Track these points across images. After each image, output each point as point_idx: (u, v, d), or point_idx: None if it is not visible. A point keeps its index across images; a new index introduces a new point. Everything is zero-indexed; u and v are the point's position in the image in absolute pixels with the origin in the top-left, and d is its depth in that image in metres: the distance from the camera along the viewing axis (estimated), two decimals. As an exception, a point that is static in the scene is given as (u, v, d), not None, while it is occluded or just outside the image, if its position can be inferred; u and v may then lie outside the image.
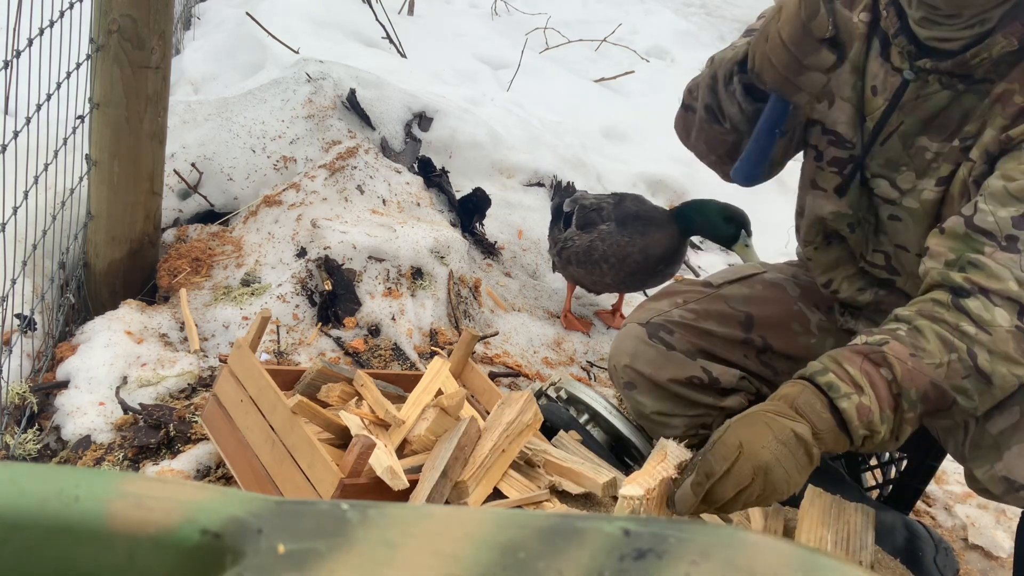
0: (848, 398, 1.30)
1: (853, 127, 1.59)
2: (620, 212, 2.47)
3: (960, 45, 1.42)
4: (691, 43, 5.72)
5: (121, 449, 1.80)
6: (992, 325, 1.32)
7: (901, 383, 1.31)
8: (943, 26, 1.41)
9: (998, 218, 1.36)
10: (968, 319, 1.33)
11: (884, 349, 1.33)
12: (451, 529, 0.49)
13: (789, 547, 0.49)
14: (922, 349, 1.33)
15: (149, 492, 0.52)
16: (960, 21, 1.39)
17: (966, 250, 1.37)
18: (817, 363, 1.34)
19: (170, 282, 2.27)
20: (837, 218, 1.68)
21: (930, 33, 1.43)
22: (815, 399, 1.30)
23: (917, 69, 1.47)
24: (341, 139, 2.73)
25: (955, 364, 1.33)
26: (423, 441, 1.59)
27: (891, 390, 1.31)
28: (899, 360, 1.31)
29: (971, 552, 2.13)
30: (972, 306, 1.34)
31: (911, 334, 1.34)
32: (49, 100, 1.82)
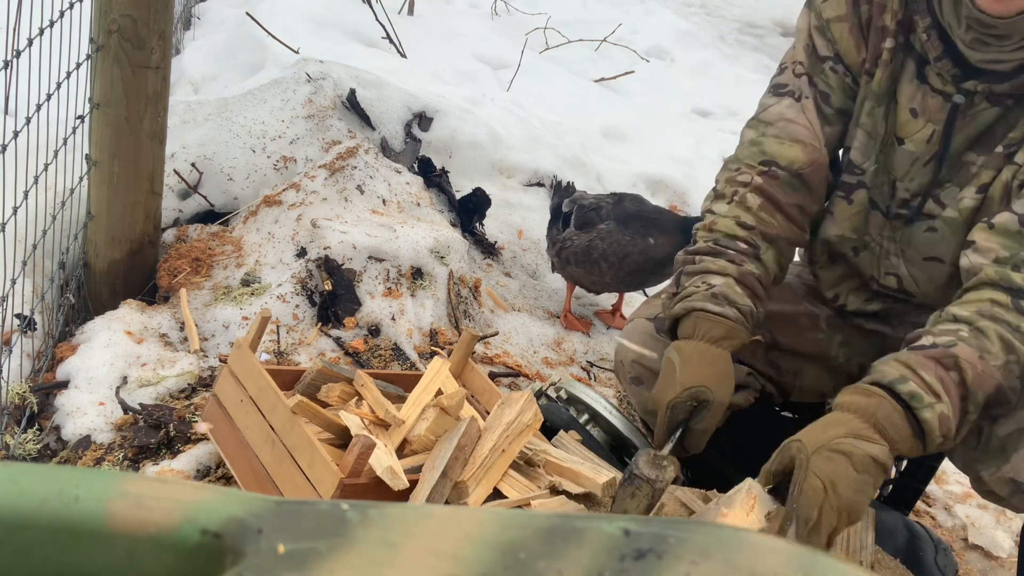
0: (931, 408, 1.29)
1: (864, 154, 1.58)
2: (620, 211, 2.46)
3: (1012, 66, 1.42)
4: (691, 43, 5.72)
5: (121, 449, 1.80)
6: None
7: (971, 387, 1.31)
8: (995, 48, 1.40)
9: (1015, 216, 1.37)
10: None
11: (955, 352, 1.32)
12: (451, 529, 0.49)
13: (789, 547, 0.49)
14: (988, 351, 1.33)
15: (149, 492, 0.52)
16: (1012, 42, 1.39)
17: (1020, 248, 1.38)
18: (892, 369, 1.33)
19: (170, 282, 2.27)
20: (842, 242, 1.68)
21: (982, 56, 1.42)
22: (894, 412, 1.29)
23: (966, 92, 1.46)
24: (341, 139, 2.73)
25: (1012, 365, 1.34)
26: (423, 441, 1.59)
27: (960, 393, 1.31)
28: (970, 364, 1.31)
29: (971, 552, 2.13)
30: None
31: (975, 336, 1.34)
32: (49, 100, 1.82)
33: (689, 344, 1.48)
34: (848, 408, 1.32)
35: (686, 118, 4.53)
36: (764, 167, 1.58)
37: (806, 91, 1.59)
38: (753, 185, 1.57)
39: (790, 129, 1.58)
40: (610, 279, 2.50)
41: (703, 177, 3.63)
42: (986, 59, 1.42)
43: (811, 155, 1.57)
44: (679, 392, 1.44)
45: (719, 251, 1.54)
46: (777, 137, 1.58)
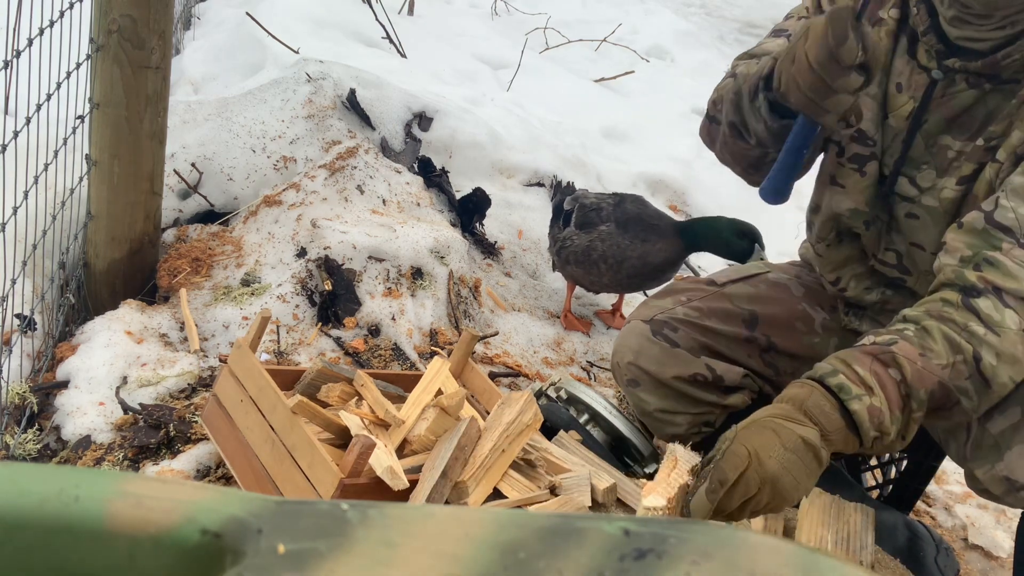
0: (859, 400, 1.29)
1: (876, 124, 1.58)
2: (620, 213, 2.46)
3: (990, 46, 1.42)
4: (691, 43, 5.72)
5: (121, 449, 1.80)
6: (1001, 326, 1.32)
7: (911, 383, 1.30)
8: (974, 26, 1.40)
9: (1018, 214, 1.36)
10: (977, 319, 1.33)
11: (893, 349, 1.32)
12: (451, 529, 0.49)
13: (789, 547, 0.49)
14: (930, 349, 1.32)
15: (149, 492, 0.52)
16: (992, 22, 1.39)
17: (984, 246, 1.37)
18: (826, 364, 1.33)
19: (170, 282, 2.27)
20: (854, 215, 1.67)
21: (961, 32, 1.42)
22: (824, 401, 1.29)
23: (945, 68, 1.46)
24: (341, 139, 2.73)
25: (960, 365, 1.32)
26: (423, 441, 1.59)
27: (900, 391, 1.30)
28: (909, 360, 1.31)
29: (971, 552, 2.13)
30: (982, 306, 1.33)
31: (919, 334, 1.34)
32: (49, 100, 1.82)
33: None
34: (783, 399, 1.33)
35: (686, 118, 4.53)
36: None
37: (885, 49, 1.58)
38: None
39: None
40: (608, 280, 2.50)
41: (703, 177, 3.63)
42: (964, 36, 1.42)
43: None
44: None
45: None
46: None
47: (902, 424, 1.31)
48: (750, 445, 1.26)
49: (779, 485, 1.25)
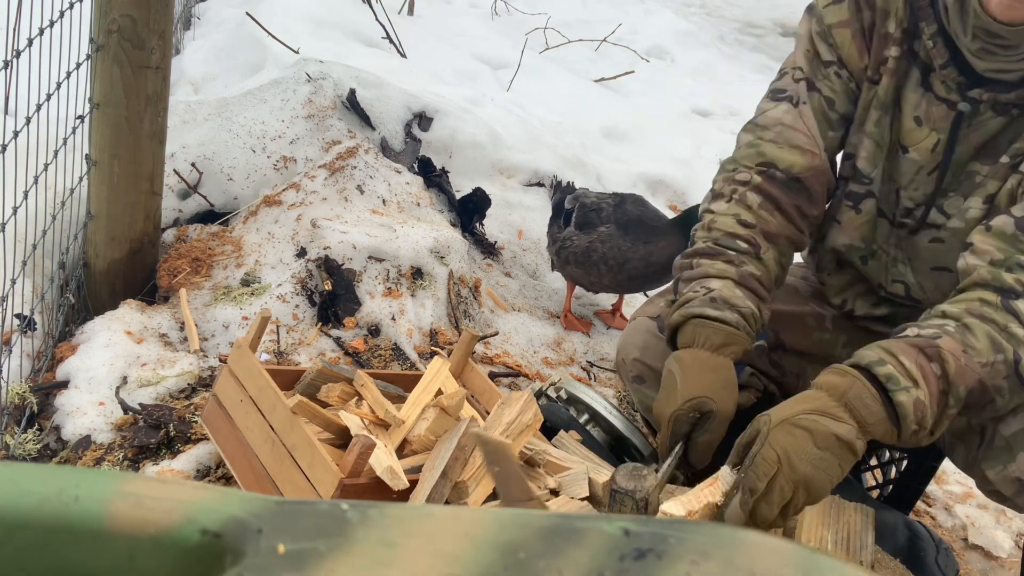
0: (906, 392, 1.27)
1: (872, 162, 1.57)
2: (621, 214, 2.46)
3: (1018, 76, 1.41)
4: (691, 43, 5.73)
5: (121, 449, 1.80)
6: None
7: (952, 380, 1.29)
8: (1001, 57, 1.40)
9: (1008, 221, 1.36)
10: (1018, 321, 1.33)
11: (939, 344, 1.31)
12: (451, 529, 0.49)
13: (789, 547, 0.49)
14: (972, 347, 1.32)
15: (149, 492, 0.52)
16: (1019, 53, 1.38)
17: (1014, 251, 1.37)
18: (871, 352, 1.32)
19: (170, 282, 2.27)
20: (850, 251, 1.68)
21: (988, 64, 1.41)
22: (866, 392, 1.28)
23: (971, 100, 1.45)
24: (341, 139, 2.73)
25: (999, 365, 1.32)
26: (423, 441, 1.59)
27: (940, 386, 1.30)
28: (953, 356, 1.30)
29: (971, 552, 2.13)
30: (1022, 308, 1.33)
31: (960, 331, 1.33)
32: (49, 100, 1.82)
33: (689, 353, 1.45)
34: (822, 387, 1.31)
35: (686, 118, 4.53)
36: (763, 168, 1.56)
37: (804, 96, 1.58)
38: (752, 184, 1.55)
39: (787, 134, 1.57)
40: (608, 281, 2.50)
41: (703, 177, 3.63)
42: (992, 68, 1.42)
43: (810, 160, 1.56)
44: (681, 404, 1.40)
45: (718, 252, 1.51)
46: (774, 142, 1.57)
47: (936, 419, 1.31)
48: (780, 448, 1.24)
49: (813, 485, 1.25)
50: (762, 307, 1.50)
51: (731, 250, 1.51)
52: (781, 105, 1.59)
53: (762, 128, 1.59)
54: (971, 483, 2.35)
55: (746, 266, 1.50)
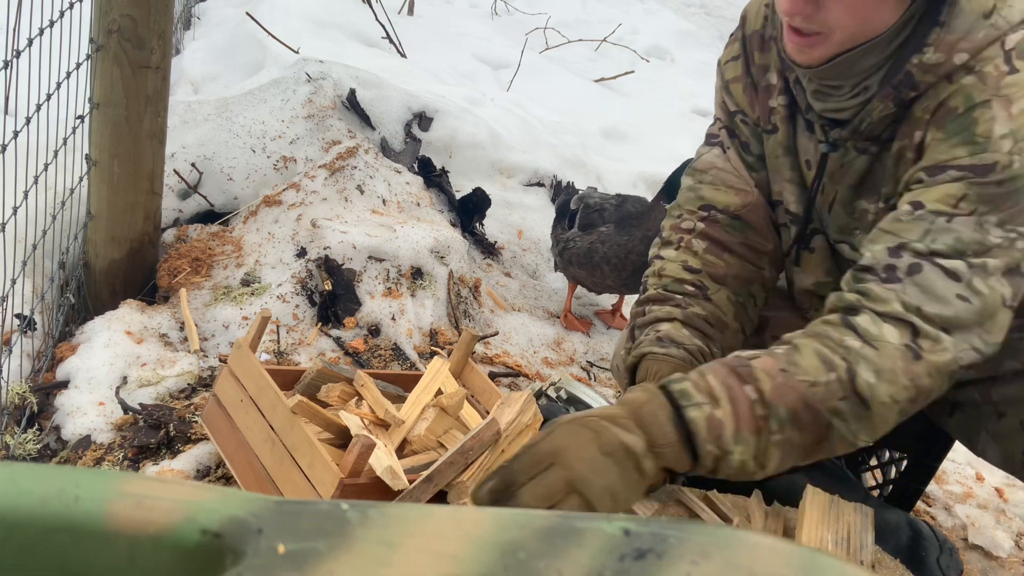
0: (699, 408, 1.22)
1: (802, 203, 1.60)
2: (621, 214, 2.47)
3: (850, 114, 1.43)
4: (691, 43, 5.73)
5: (121, 449, 1.80)
6: (880, 340, 1.27)
7: (769, 400, 1.24)
8: (833, 97, 1.41)
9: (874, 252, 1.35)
10: (854, 333, 1.28)
11: (752, 363, 1.26)
12: (451, 529, 0.50)
13: (789, 547, 0.49)
14: (795, 364, 1.26)
15: (149, 492, 0.52)
16: (845, 92, 1.40)
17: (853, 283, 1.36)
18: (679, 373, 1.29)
19: (170, 282, 2.27)
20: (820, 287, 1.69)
21: (824, 105, 1.44)
22: (660, 410, 1.22)
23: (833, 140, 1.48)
24: (341, 139, 2.73)
25: (832, 384, 1.25)
26: (423, 441, 1.59)
27: (754, 411, 1.23)
28: (767, 374, 1.25)
29: (971, 552, 2.13)
30: (860, 321, 1.29)
31: (787, 351, 1.29)
32: (49, 100, 1.82)
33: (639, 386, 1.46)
34: (622, 401, 1.26)
35: (686, 118, 4.53)
36: (704, 212, 1.63)
37: (727, 142, 1.65)
38: (697, 231, 1.62)
39: (722, 176, 1.64)
40: (612, 281, 2.50)
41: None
42: (828, 108, 1.44)
43: (744, 198, 1.62)
44: None
45: (666, 297, 1.57)
46: (712, 184, 1.64)
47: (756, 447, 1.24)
48: (560, 444, 1.16)
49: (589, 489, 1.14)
50: (710, 344, 1.54)
51: (678, 294, 1.57)
52: (713, 150, 1.67)
53: (700, 172, 1.67)
54: (971, 483, 2.35)
55: (692, 308, 1.55)
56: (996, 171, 1.28)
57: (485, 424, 1.50)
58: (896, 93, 1.36)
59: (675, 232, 1.65)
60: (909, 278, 1.29)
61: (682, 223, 1.64)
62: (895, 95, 1.36)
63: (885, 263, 1.32)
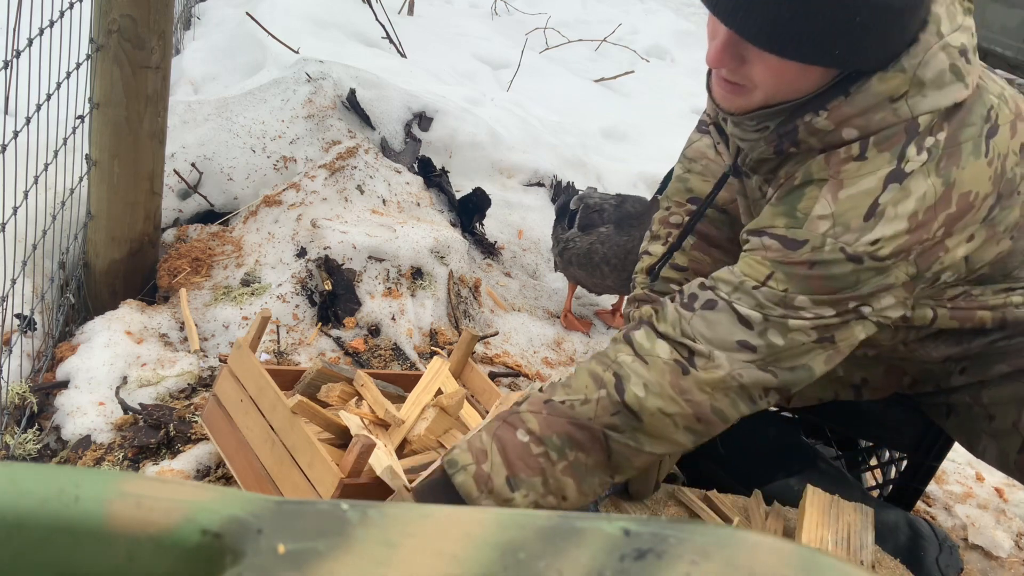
0: (464, 471, 1.30)
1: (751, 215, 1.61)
2: (620, 214, 2.46)
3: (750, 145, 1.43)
4: (691, 43, 5.72)
5: (121, 449, 1.80)
6: (651, 355, 1.30)
7: (540, 435, 1.29)
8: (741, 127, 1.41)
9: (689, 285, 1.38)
10: (629, 348, 1.32)
11: (520, 408, 1.32)
12: (451, 529, 0.50)
13: (789, 547, 0.49)
14: (567, 387, 1.32)
15: (149, 492, 0.52)
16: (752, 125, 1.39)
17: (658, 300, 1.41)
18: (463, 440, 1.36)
19: (170, 282, 2.27)
20: None
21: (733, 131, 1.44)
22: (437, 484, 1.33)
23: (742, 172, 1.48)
24: (341, 139, 2.73)
25: (604, 400, 1.30)
26: (423, 441, 1.59)
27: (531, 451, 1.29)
28: (534, 413, 1.30)
29: (971, 552, 2.13)
30: (637, 336, 1.33)
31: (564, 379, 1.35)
32: (49, 100, 1.82)
33: None
34: None
35: (686, 118, 4.53)
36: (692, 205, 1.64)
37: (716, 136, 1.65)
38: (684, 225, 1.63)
39: (711, 167, 1.65)
40: (611, 281, 2.50)
41: (703, 177, 3.63)
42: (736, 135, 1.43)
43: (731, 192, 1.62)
44: None
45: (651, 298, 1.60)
46: (701, 174, 1.65)
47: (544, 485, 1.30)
48: None
49: None
50: None
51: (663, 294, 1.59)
52: (704, 138, 1.68)
53: (690, 160, 1.68)
54: (971, 483, 2.35)
55: None
56: (805, 249, 1.28)
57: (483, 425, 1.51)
58: (778, 142, 1.35)
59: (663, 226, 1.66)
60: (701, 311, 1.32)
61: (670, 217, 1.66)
62: (777, 143, 1.36)
63: (690, 292, 1.35)
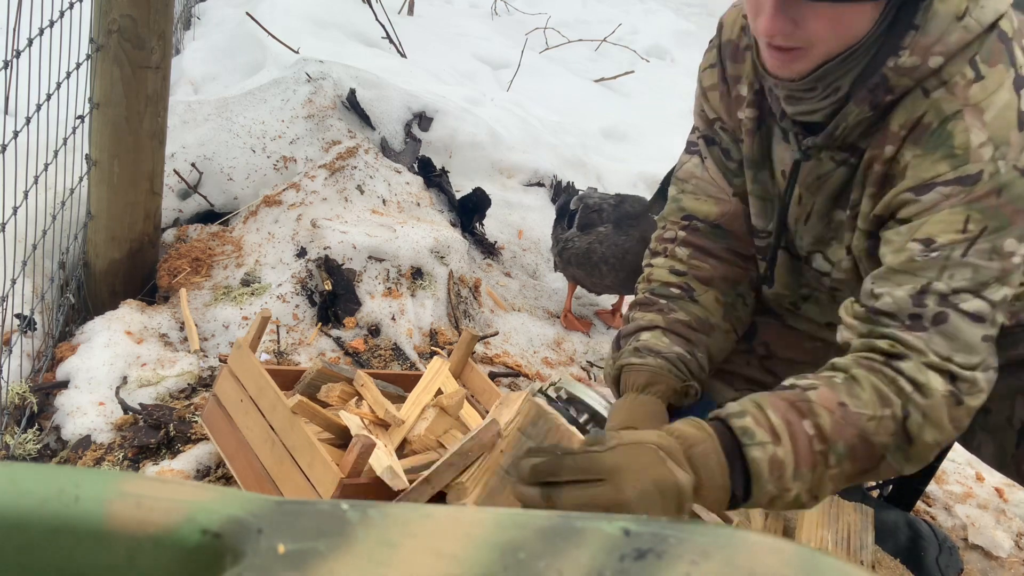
0: (762, 447, 1.21)
1: (765, 217, 1.60)
2: (619, 213, 2.46)
3: (823, 116, 1.41)
4: (691, 43, 5.73)
5: (121, 449, 1.80)
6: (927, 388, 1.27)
7: (829, 436, 1.24)
8: (804, 101, 1.40)
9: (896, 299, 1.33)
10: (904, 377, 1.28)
11: (811, 396, 1.26)
12: (451, 529, 0.50)
13: (789, 547, 0.49)
14: (856, 398, 1.27)
15: (149, 492, 0.52)
16: (816, 93, 1.37)
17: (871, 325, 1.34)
18: (736, 404, 1.26)
19: (170, 282, 2.27)
20: (778, 299, 1.70)
21: (795, 109, 1.42)
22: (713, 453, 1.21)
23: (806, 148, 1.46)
24: (341, 139, 2.73)
25: (887, 420, 1.27)
26: (423, 441, 1.59)
27: (812, 446, 1.23)
28: (827, 410, 1.25)
29: (971, 552, 2.13)
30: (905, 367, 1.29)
31: (846, 382, 1.28)
32: (49, 100, 1.82)
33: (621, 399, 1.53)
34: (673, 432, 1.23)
35: (686, 118, 4.51)
36: (685, 222, 1.65)
37: (705, 151, 1.65)
38: (679, 239, 1.64)
39: (702, 186, 1.66)
40: (611, 281, 2.50)
41: (703, 177, 3.63)
42: (800, 111, 1.42)
43: (723, 208, 1.64)
44: None
45: (651, 302, 1.59)
46: (693, 193, 1.66)
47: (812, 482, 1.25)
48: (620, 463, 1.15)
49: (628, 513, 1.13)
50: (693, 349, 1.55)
51: (664, 298, 1.59)
52: (693, 159, 1.68)
53: (682, 181, 1.69)
54: (971, 483, 2.35)
55: (675, 313, 1.57)
56: (984, 180, 1.26)
57: (484, 426, 1.50)
58: (872, 97, 1.34)
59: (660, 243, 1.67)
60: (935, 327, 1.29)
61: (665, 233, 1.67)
62: (871, 98, 1.34)
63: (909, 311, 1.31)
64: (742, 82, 1.55)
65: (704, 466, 1.20)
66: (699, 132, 1.67)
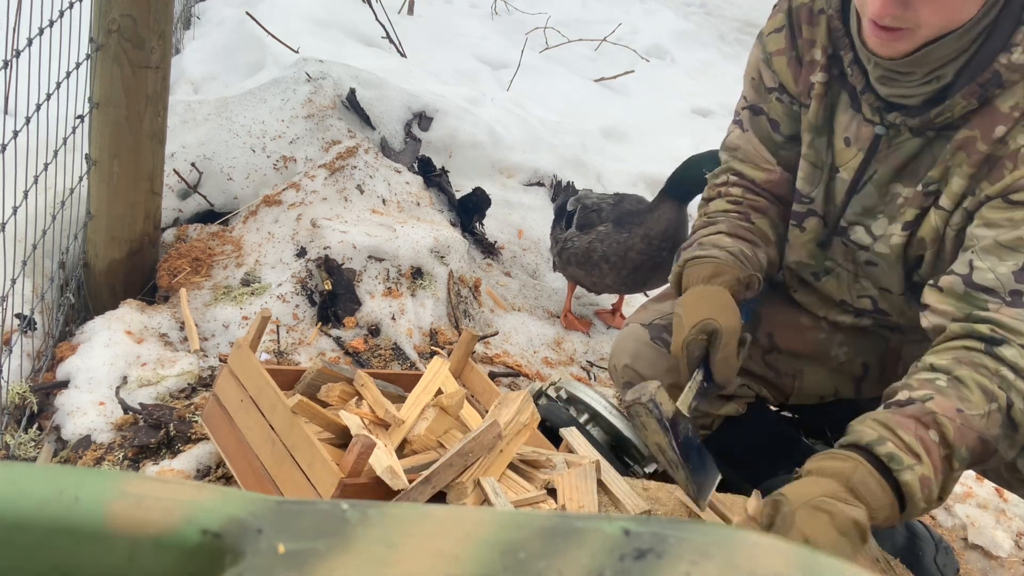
0: (911, 470, 1.25)
1: (810, 183, 1.63)
2: (618, 212, 2.46)
3: (920, 100, 1.43)
4: (691, 43, 5.73)
5: (121, 449, 1.80)
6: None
7: (952, 443, 1.27)
8: (901, 84, 1.42)
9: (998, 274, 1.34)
10: (1007, 366, 1.31)
11: (932, 408, 1.28)
12: (451, 529, 0.50)
13: (789, 547, 0.49)
14: (967, 401, 1.29)
15: (149, 492, 0.52)
16: (916, 79, 1.40)
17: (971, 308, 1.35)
18: (868, 430, 1.29)
19: (170, 282, 2.27)
20: (800, 267, 1.73)
21: (890, 91, 1.44)
22: (870, 477, 1.25)
23: (888, 123, 1.48)
24: (341, 139, 2.73)
25: (994, 414, 1.30)
26: (423, 441, 1.59)
27: (940, 452, 1.27)
28: (949, 419, 1.27)
29: (971, 552, 2.13)
30: (1007, 354, 1.31)
31: (953, 385, 1.31)
32: (49, 100, 1.82)
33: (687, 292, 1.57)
34: (824, 472, 1.27)
35: (686, 118, 4.53)
36: (736, 178, 1.73)
37: (747, 123, 1.71)
38: (731, 182, 1.73)
39: (749, 154, 1.72)
40: (611, 280, 2.50)
41: (703, 177, 3.63)
42: (895, 93, 1.44)
43: (768, 175, 1.70)
44: (688, 331, 1.49)
45: (711, 222, 1.68)
46: (742, 160, 1.73)
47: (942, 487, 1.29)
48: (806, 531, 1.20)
49: None
50: (755, 250, 1.63)
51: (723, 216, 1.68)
52: (736, 130, 1.74)
53: (731, 149, 1.75)
54: (971, 483, 2.34)
55: (736, 221, 1.66)
56: None
57: (485, 427, 1.50)
58: (982, 91, 1.37)
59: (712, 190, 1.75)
60: None
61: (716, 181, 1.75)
62: (980, 92, 1.37)
63: (1012, 287, 1.33)
64: (816, 46, 1.55)
65: (868, 492, 1.25)
66: (746, 102, 1.71)
